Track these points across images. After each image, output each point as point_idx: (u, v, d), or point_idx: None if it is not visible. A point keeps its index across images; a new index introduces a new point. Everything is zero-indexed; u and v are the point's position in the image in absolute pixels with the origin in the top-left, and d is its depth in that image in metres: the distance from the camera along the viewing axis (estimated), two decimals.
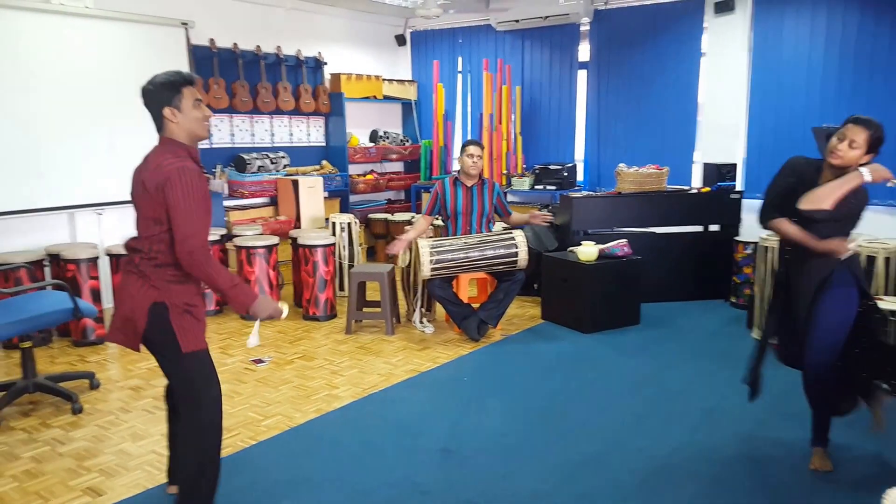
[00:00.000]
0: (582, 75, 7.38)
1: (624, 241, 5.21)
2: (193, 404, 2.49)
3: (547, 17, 7.10)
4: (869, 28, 5.66)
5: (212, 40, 6.34)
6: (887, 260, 4.35)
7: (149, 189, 2.35)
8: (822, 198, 2.69)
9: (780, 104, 6.17)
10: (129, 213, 6.57)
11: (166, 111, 2.40)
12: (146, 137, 5.50)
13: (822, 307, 2.83)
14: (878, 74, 5.65)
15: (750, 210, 6.26)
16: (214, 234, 5.57)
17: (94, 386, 4.05)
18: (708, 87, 6.60)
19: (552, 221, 5.33)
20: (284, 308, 2.61)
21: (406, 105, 8.57)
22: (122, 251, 4.89)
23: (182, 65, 5.82)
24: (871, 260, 4.37)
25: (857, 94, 5.77)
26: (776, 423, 3.50)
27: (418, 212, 7.58)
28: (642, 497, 2.85)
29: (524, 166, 7.52)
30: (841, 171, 2.77)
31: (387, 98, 8.12)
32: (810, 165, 2.90)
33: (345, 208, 7.46)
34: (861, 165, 2.76)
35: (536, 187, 7.14)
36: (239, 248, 5.34)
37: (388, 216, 7.46)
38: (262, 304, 2.51)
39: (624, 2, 6.96)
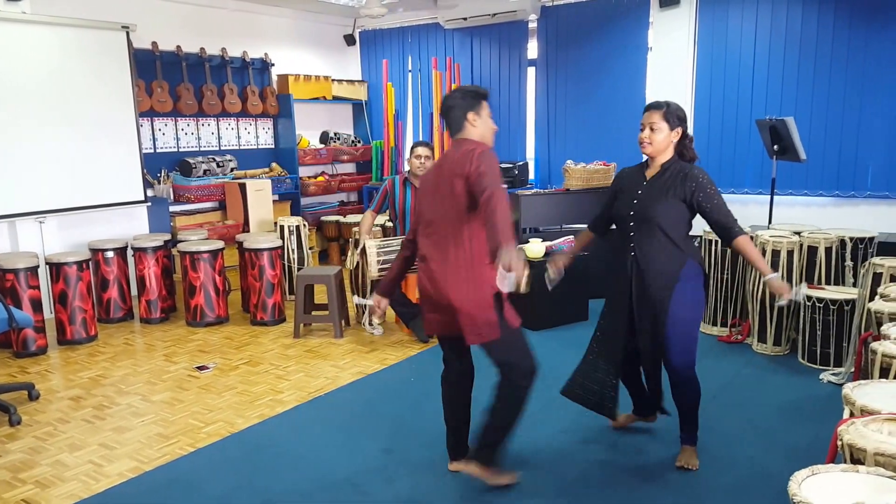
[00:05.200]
0: (531, 72, 7.44)
1: (571, 237, 5.27)
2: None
3: (495, 14, 7.14)
4: (812, 20, 5.82)
5: (154, 43, 6.24)
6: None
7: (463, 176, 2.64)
8: None
9: (725, 97, 6.30)
10: (71, 221, 6.39)
11: (470, 115, 2.72)
12: (88, 143, 5.49)
13: (673, 305, 2.82)
14: (822, 66, 5.81)
15: None
16: (158, 239, 5.49)
17: (34, 397, 3.97)
18: (654, 81, 6.69)
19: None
20: None
21: (357, 105, 8.52)
22: (64, 259, 4.83)
23: (124, 69, 5.72)
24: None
25: (802, 86, 5.93)
26: (714, 412, 3.57)
27: None
28: (583, 495, 2.88)
29: None
30: (656, 160, 2.97)
31: (336, 99, 8.06)
32: (633, 170, 3.06)
33: (296, 211, 7.39)
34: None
35: None
36: (183, 253, 5.26)
37: (340, 218, 7.42)
38: None
39: None
